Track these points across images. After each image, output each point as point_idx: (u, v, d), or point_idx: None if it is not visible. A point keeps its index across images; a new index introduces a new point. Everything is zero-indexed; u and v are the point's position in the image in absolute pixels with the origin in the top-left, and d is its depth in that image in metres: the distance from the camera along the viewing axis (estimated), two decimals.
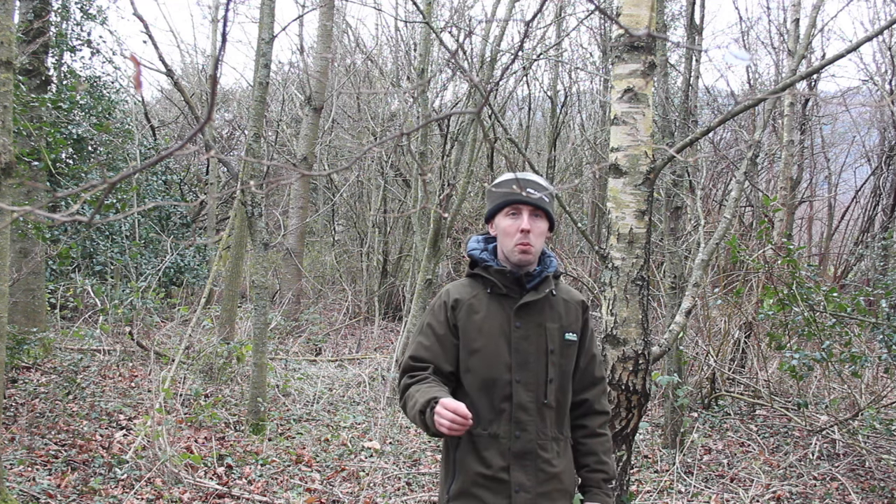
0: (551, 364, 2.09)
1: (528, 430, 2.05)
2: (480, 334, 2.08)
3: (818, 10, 5.98)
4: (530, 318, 2.10)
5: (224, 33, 1.06)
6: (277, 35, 5.65)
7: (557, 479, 2.07)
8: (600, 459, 2.15)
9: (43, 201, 6.00)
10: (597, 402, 2.19)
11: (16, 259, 6.25)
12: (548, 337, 2.09)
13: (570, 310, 2.16)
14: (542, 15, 10.91)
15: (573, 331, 2.14)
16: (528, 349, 2.08)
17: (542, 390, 2.07)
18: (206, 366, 6.74)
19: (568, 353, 2.13)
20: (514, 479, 2.03)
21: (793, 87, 6.70)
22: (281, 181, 3.69)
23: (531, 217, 2.10)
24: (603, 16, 4.30)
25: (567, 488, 2.10)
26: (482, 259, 2.15)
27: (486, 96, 1.05)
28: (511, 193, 2.11)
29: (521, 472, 2.04)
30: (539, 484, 2.05)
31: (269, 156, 12.16)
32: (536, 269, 2.13)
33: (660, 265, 8.41)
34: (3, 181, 3.18)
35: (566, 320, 2.14)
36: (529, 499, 2.03)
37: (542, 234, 2.12)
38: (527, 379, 2.07)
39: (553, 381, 2.09)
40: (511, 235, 2.09)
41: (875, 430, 5.10)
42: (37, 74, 6.69)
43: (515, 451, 2.04)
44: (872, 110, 12.88)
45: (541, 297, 2.10)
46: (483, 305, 2.11)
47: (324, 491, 4.38)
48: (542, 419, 2.07)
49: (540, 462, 2.06)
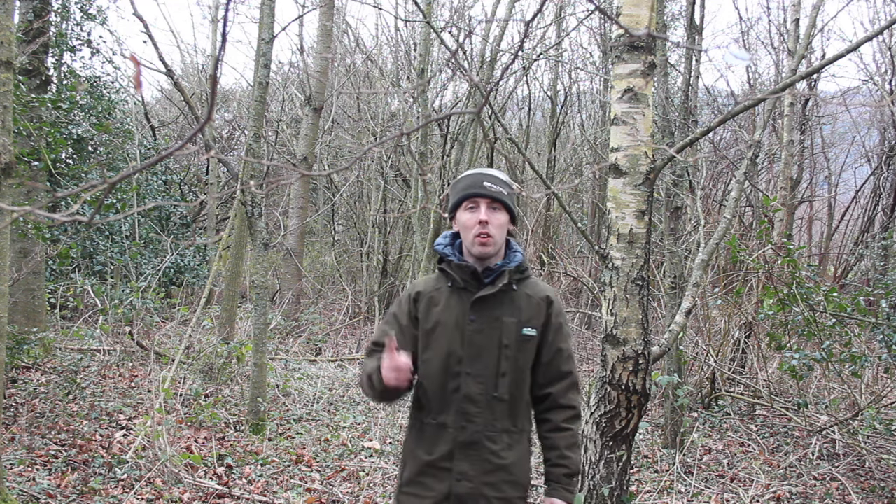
0: (504, 358, 2.12)
1: (475, 421, 2.10)
2: (437, 326, 2.15)
3: (818, 10, 5.98)
4: (486, 311, 2.14)
5: (224, 33, 1.06)
6: (277, 35, 5.65)
7: (505, 470, 2.11)
8: (562, 454, 2.16)
9: (43, 201, 6.00)
10: (562, 397, 2.20)
11: (16, 259, 6.25)
12: (503, 331, 2.13)
13: (531, 305, 2.18)
14: (542, 15, 10.91)
15: (533, 326, 2.16)
16: (482, 342, 2.12)
17: (492, 383, 2.11)
18: (206, 366, 6.73)
19: (525, 347, 2.15)
20: (456, 468, 2.10)
21: (793, 87, 6.70)
22: (281, 181, 3.69)
23: (489, 209, 2.14)
24: (603, 16, 4.31)
25: (518, 479, 2.13)
26: (445, 254, 2.22)
27: (486, 96, 1.05)
28: (469, 187, 2.17)
29: (466, 461, 2.10)
30: (484, 474, 2.09)
31: (269, 156, 12.16)
32: (497, 264, 2.18)
33: (660, 265, 8.41)
34: (3, 181, 3.18)
35: (526, 315, 2.16)
36: (472, 487, 2.09)
37: (502, 226, 2.16)
38: (477, 371, 2.11)
39: (506, 375, 2.12)
40: (470, 228, 2.15)
41: (875, 430, 5.10)
42: (37, 74, 6.69)
43: (461, 440, 2.10)
44: (872, 110, 12.88)
45: (497, 292, 2.14)
46: (443, 298, 2.17)
47: (324, 491, 4.38)
48: (492, 411, 2.11)
49: (486, 453, 2.10)
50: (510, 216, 2.19)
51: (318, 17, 10.45)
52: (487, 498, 2.10)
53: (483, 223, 2.12)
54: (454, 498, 2.10)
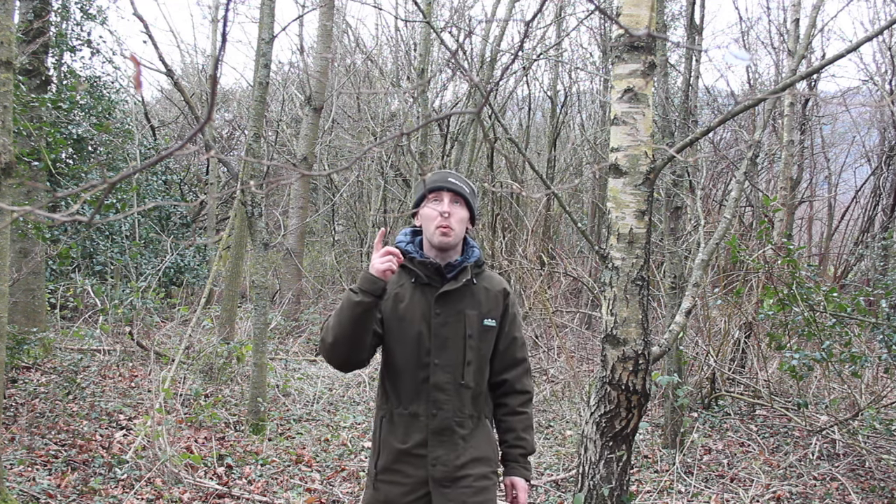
0: (469, 348, 2.26)
1: (444, 408, 2.24)
2: (404, 321, 2.26)
3: (818, 10, 5.99)
4: (450, 305, 2.27)
5: (224, 33, 1.06)
6: (277, 35, 5.65)
7: (474, 449, 2.26)
8: (518, 436, 2.34)
9: (43, 201, 6.00)
10: (517, 382, 2.37)
11: (16, 259, 6.24)
12: (466, 323, 2.26)
13: (490, 297, 2.32)
14: (542, 15, 10.91)
15: (493, 317, 2.31)
16: (447, 334, 2.25)
17: (459, 371, 2.25)
18: (206, 366, 6.73)
19: (486, 337, 2.31)
20: (431, 454, 2.23)
21: (793, 87, 6.70)
22: (281, 181, 3.69)
23: (451, 203, 2.27)
24: (603, 16, 4.30)
25: (485, 455, 2.29)
26: (407, 251, 2.32)
27: (486, 96, 1.05)
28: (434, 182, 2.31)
29: (439, 446, 2.23)
30: (457, 457, 2.24)
31: (269, 156, 12.16)
32: (458, 260, 2.31)
33: (660, 265, 8.41)
34: (3, 181, 3.18)
35: (486, 307, 2.31)
36: (447, 471, 2.22)
37: (462, 222, 2.29)
38: (445, 361, 2.24)
39: (471, 364, 2.26)
40: (432, 220, 2.27)
41: (875, 430, 5.09)
42: (37, 74, 6.69)
43: (433, 427, 2.23)
44: (872, 110, 12.88)
45: (460, 286, 2.27)
46: (408, 294, 2.28)
47: (324, 491, 4.38)
48: (460, 398, 2.25)
49: (456, 437, 2.25)
50: (470, 215, 2.33)
51: (318, 17, 10.44)
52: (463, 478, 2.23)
53: (445, 215, 2.25)
54: (432, 482, 2.22)
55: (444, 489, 2.22)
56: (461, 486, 2.23)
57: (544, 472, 4.90)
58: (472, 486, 2.24)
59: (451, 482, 2.22)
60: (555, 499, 4.41)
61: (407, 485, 2.23)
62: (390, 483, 2.25)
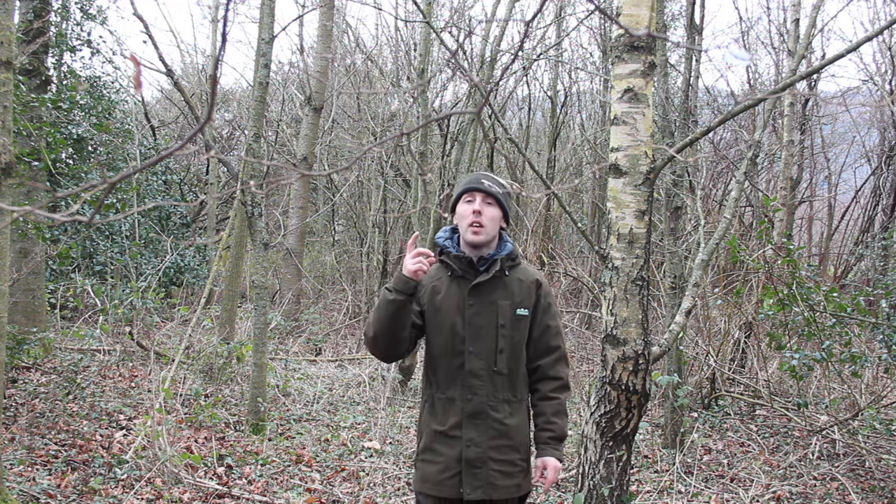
0: (501, 336, 2.40)
1: (478, 393, 2.39)
2: (441, 311, 2.43)
3: (818, 10, 5.98)
4: (483, 296, 2.42)
5: (224, 33, 1.06)
6: (277, 35, 5.65)
7: (507, 435, 2.40)
8: (548, 420, 2.46)
9: (43, 201, 6.00)
10: (550, 369, 2.48)
11: (16, 259, 6.24)
12: (499, 312, 2.41)
13: (523, 288, 2.46)
14: (542, 15, 10.90)
15: (525, 307, 2.45)
16: (481, 323, 2.40)
17: (492, 359, 2.39)
18: (206, 366, 6.73)
19: (519, 326, 2.44)
20: (466, 435, 2.38)
21: (793, 87, 6.70)
22: (281, 181, 3.69)
23: (483, 203, 2.42)
24: (603, 16, 4.31)
25: (516, 444, 2.42)
26: (444, 246, 2.50)
27: (486, 96, 1.05)
28: (468, 183, 2.46)
29: (473, 429, 2.38)
30: (490, 439, 2.38)
31: (269, 156, 12.16)
32: (490, 254, 2.45)
33: (660, 265, 8.40)
34: (3, 181, 3.18)
35: (518, 297, 2.44)
36: (480, 452, 2.37)
37: (495, 220, 2.43)
38: (479, 349, 2.39)
39: (504, 352, 2.40)
40: (466, 217, 2.43)
41: (875, 430, 5.09)
42: (37, 74, 6.69)
43: (468, 411, 2.39)
44: (872, 110, 12.88)
45: (491, 278, 2.42)
46: (444, 287, 2.46)
47: (324, 491, 4.38)
48: (493, 384, 2.40)
49: (491, 421, 2.39)
50: (503, 213, 2.47)
51: (318, 17, 10.44)
52: (495, 461, 2.37)
53: (476, 213, 2.39)
54: (464, 462, 2.37)
55: (476, 469, 2.36)
56: (491, 468, 2.37)
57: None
58: (502, 469, 2.38)
59: (482, 463, 2.36)
60: (555, 499, 4.41)
61: (441, 463, 2.39)
62: (428, 462, 2.43)
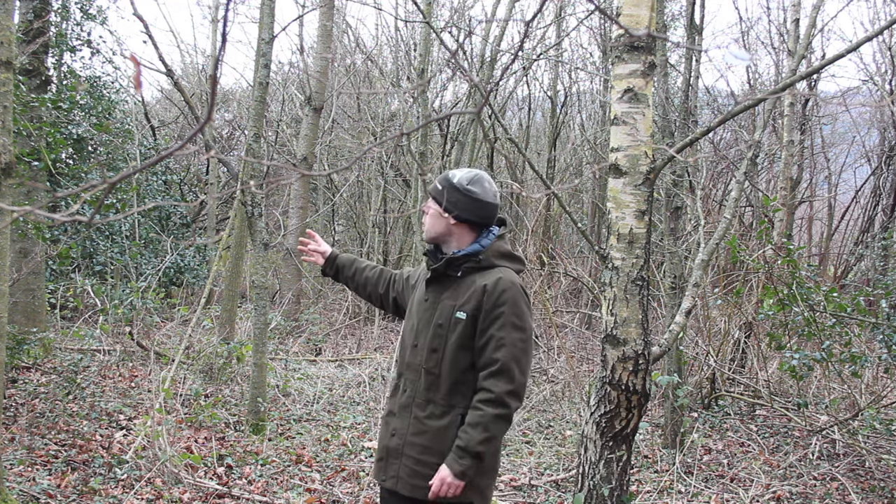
0: (437, 336, 2.40)
1: (410, 387, 2.45)
2: (412, 301, 2.59)
3: (818, 10, 5.99)
4: (434, 293, 2.48)
5: (224, 33, 1.06)
6: (277, 35, 5.65)
7: (425, 435, 2.38)
8: (463, 429, 2.34)
9: (43, 201, 5.99)
10: (484, 380, 2.36)
11: (16, 259, 6.24)
12: (440, 311, 2.42)
13: (470, 291, 2.40)
14: (542, 15, 10.90)
15: (465, 310, 2.38)
16: (427, 319, 2.45)
17: (424, 356, 2.42)
18: (206, 366, 6.73)
19: (457, 329, 2.38)
20: (393, 424, 2.47)
21: (793, 87, 6.70)
22: (281, 181, 3.69)
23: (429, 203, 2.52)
24: (603, 16, 4.30)
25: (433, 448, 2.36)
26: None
27: (486, 96, 1.05)
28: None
29: (399, 419, 2.45)
30: (410, 434, 2.40)
31: (269, 156, 12.16)
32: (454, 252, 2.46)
33: (660, 265, 8.41)
34: (3, 181, 3.18)
35: (462, 300, 2.40)
36: (398, 443, 2.42)
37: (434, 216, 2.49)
38: (420, 344, 2.45)
39: (437, 351, 2.40)
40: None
41: (875, 430, 5.09)
42: (37, 74, 6.69)
43: (399, 402, 2.47)
44: (872, 110, 12.88)
45: (442, 276, 2.46)
46: (421, 278, 2.58)
47: (324, 491, 4.38)
48: (423, 381, 2.42)
49: (412, 417, 2.41)
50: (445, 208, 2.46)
51: (318, 17, 10.44)
52: (408, 456, 2.39)
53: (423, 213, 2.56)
54: (387, 450, 2.46)
55: (392, 459, 2.42)
56: (403, 462, 2.39)
57: (544, 472, 4.90)
58: (411, 467, 2.38)
59: (398, 455, 2.41)
60: (555, 499, 4.41)
61: (379, 442, 2.52)
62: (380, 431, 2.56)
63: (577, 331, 9.36)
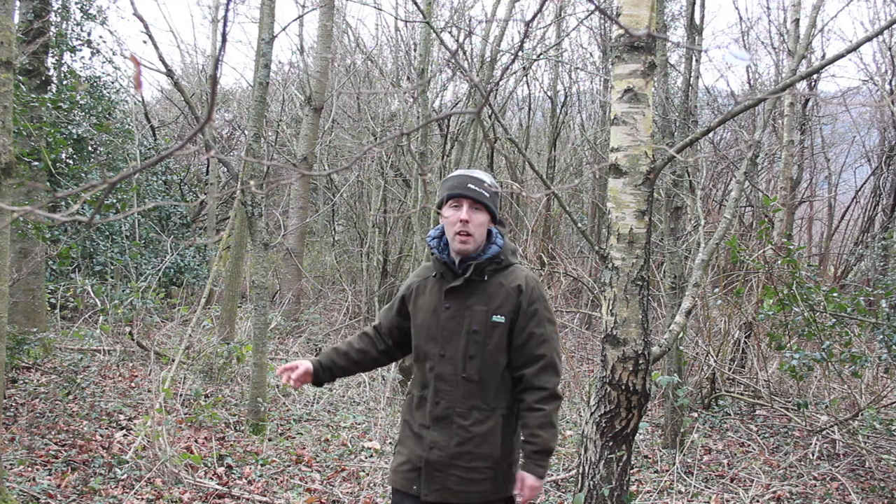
0: (473, 342, 2.33)
1: (446, 398, 2.35)
2: (421, 312, 2.43)
3: (818, 10, 5.98)
4: (458, 300, 2.37)
5: (224, 33, 1.06)
6: (277, 35, 5.65)
7: (471, 442, 2.32)
8: (533, 432, 2.32)
9: (43, 201, 5.99)
10: (534, 378, 2.35)
11: (16, 259, 6.24)
12: (473, 318, 2.34)
13: (502, 293, 2.36)
14: (542, 15, 10.90)
15: (502, 313, 2.35)
16: (453, 328, 2.35)
17: (461, 364, 2.34)
18: (206, 366, 6.73)
19: (495, 333, 2.34)
20: (430, 437, 2.35)
21: (793, 87, 6.70)
22: (281, 181, 3.69)
23: (471, 209, 2.33)
24: (603, 16, 4.31)
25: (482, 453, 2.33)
26: (431, 247, 2.46)
27: (486, 96, 1.05)
28: (454, 188, 2.36)
29: (438, 432, 2.35)
30: (455, 445, 2.32)
31: (269, 156, 12.15)
32: (472, 257, 2.37)
33: (660, 265, 8.40)
34: (3, 181, 3.18)
35: (496, 303, 2.35)
36: (442, 456, 2.33)
37: (482, 225, 2.36)
38: (449, 354, 2.35)
39: (474, 358, 2.33)
40: (453, 225, 2.35)
41: (875, 430, 5.09)
42: (37, 74, 6.69)
43: (435, 414, 2.36)
44: (872, 110, 12.88)
45: (467, 282, 2.36)
46: (427, 287, 2.45)
47: (324, 491, 4.38)
48: (462, 390, 2.34)
49: (456, 427, 2.33)
50: (491, 216, 2.40)
51: (318, 17, 10.44)
52: (456, 466, 2.32)
53: (464, 222, 2.32)
54: (426, 464, 2.34)
55: (436, 472, 2.33)
56: (450, 473, 2.32)
57: None
58: (460, 475, 2.32)
59: (443, 467, 2.32)
60: (555, 499, 4.41)
61: (405, 456, 2.40)
62: (398, 454, 2.45)
63: (577, 331, 9.36)
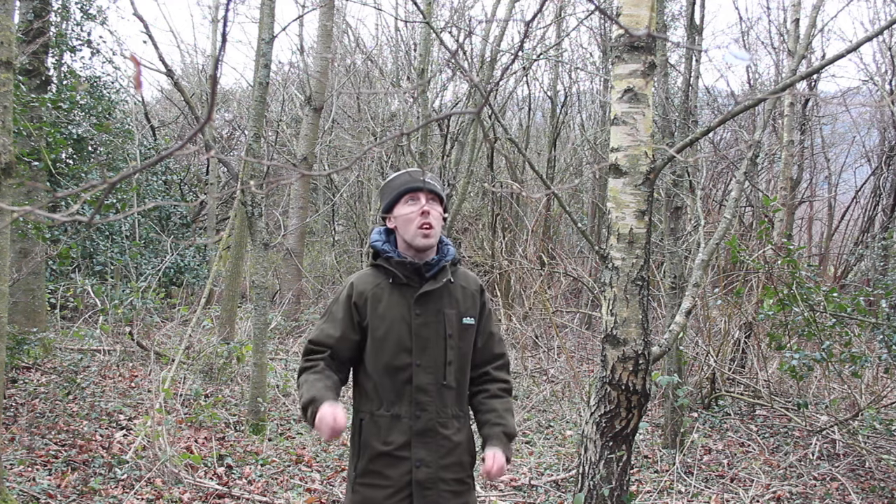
0: (450, 348, 2.25)
1: (427, 409, 2.22)
2: (384, 322, 2.24)
3: (818, 10, 5.98)
4: (429, 305, 2.26)
5: (224, 33, 1.06)
6: (277, 35, 5.65)
7: (455, 453, 2.25)
8: (500, 414, 2.30)
9: (43, 201, 5.99)
10: (496, 372, 2.37)
11: (16, 259, 6.24)
12: (446, 323, 2.26)
13: (467, 296, 2.33)
14: (542, 15, 10.90)
15: (471, 315, 2.32)
16: (428, 335, 2.24)
17: (441, 372, 2.24)
18: (206, 366, 6.73)
19: (466, 336, 2.31)
20: (415, 455, 2.21)
21: (793, 87, 6.70)
22: (281, 181, 3.69)
23: (429, 202, 2.27)
24: (603, 16, 4.30)
25: (464, 462, 2.29)
26: (384, 250, 2.30)
27: (486, 96, 1.05)
28: (408, 183, 2.29)
29: (423, 448, 2.21)
30: (440, 458, 2.23)
31: (269, 156, 12.15)
32: (434, 259, 2.29)
33: (660, 265, 8.40)
34: (3, 181, 3.18)
35: (464, 306, 2.31)
36: (430, 472, 2.21)
37: (439, 219, 2.29)
38: (427, 362, 2.23)
39: (452, 364, 2.26)
40: (412, 221, 2.25)
41: (875, 430, 5.09)
42: (37, 74, 6.69)
43: (417, 429, 2.21)
44: (872, 110, 12.88)
45: (439, 286, 2.27)
46: (385, 295, 2.26)
47: (324, 491, 4.38)
48: (442, 399, 2.25)
49: (440, 438, 2.23)
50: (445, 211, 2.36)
51: (318, 17, 10.44)
52: (445, 481, 2.23)
53: (426, 213, 2.24)
54: (415, 484, 2.20)
55: (427, 491, 2.20)
56: (441, 489, 2.23)
57: (544, 472, 4.90)
58: (452, 489, 2.25)
59: (432, 484, 2.21)
60: (555, 499, 4.41)
61: (388, 487, 2.20)
62: (371, 486, 2.22)
63: (577, 331, 9.36)
